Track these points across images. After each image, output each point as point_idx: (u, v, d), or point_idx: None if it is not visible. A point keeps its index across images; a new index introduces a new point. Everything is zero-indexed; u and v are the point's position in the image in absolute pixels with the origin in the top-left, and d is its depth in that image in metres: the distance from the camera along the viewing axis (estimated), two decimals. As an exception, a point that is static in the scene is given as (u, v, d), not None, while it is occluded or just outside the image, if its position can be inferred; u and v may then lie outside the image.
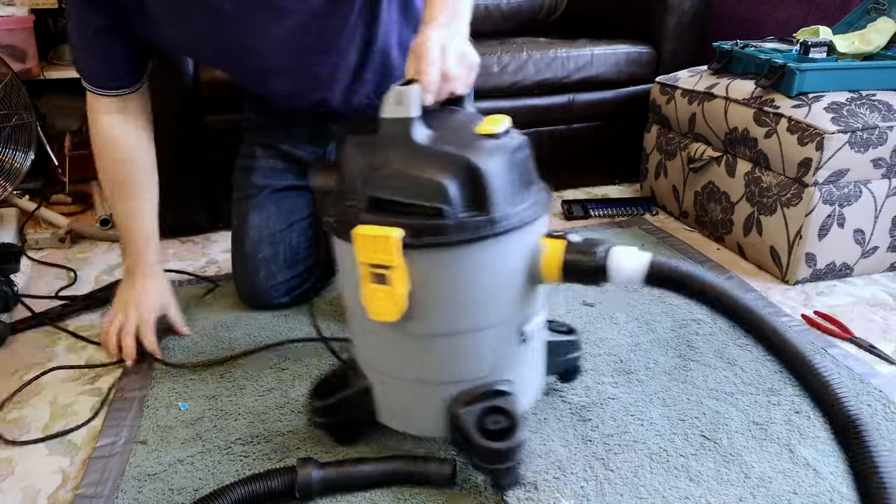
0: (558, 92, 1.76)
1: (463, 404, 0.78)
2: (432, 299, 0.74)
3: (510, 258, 0.75)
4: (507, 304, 0.77)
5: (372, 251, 0.70)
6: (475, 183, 0.70)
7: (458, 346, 0.77)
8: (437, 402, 0.80)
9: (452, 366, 0.78)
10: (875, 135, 1.24)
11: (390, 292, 0.71)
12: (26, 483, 0.84)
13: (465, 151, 0.71)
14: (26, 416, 0.97)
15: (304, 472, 0.77)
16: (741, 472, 0.84)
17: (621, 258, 0.73)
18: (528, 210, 0.74)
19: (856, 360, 1.07)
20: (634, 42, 1.81)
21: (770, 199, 1.35)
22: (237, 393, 1.00)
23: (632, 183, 1.95)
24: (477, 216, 0.70)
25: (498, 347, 0.79)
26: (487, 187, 0.70)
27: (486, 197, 0.70)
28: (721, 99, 1.46)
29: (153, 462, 0.86)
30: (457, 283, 0.73)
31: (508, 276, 0.75)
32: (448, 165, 0.70)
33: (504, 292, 0.76)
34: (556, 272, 0.76)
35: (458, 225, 0.70)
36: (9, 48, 1.68)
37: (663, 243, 1.52)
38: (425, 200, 0.70)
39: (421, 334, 0.77)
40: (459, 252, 0.71)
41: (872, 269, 1.37)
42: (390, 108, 0.72)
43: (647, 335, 1.14)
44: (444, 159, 0.71)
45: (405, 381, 0.81)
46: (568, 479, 0.83)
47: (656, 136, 1.72)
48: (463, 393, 0.79)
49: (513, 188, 0.73)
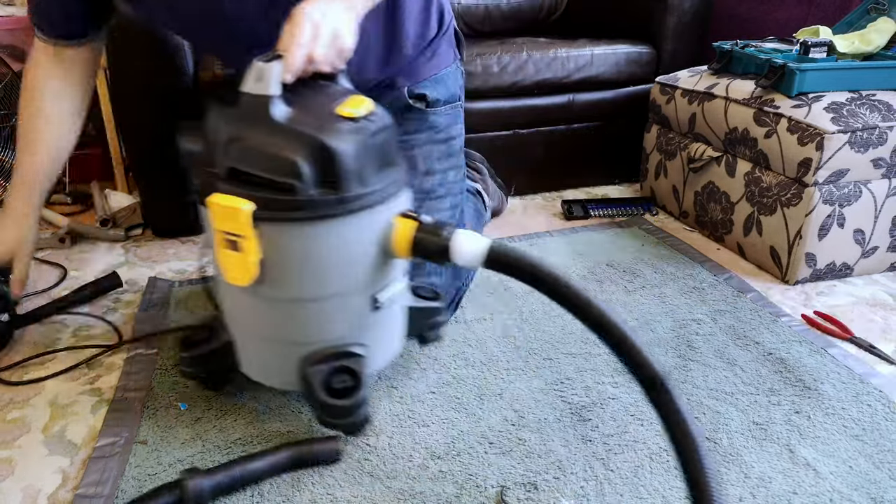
0: (558, 92, 1.76)
1: (312, 363, 0.83)
2: (283, 268, 0.78)
3: (360, 235, 0.79)
4: (357, 275, 0.81)
5: (224, 220, 0.74)
6: (327, 163, 0.73)
7: (309, 312, 0.82)
8: (291, 359, 0.84)
9: (303, 329, 0.83)
10: (875, 135, 1.24)
11: (242, 259, 0.75)
12: (26, 483, 0.84)
13: (321, 132, 0.74)
14: (26, 416, 0.97)
15: (193, 483, 0.77)
16: (741, 472, 0.84)
17: (463, 241, 0.77)
18: (382, 190, 0.78)
19: (856, 360, 1.07)
20: (634, 42, 1.81)
21: (770, 199, 1.35)
22: (237, 393, 1.00)
23: (632, 183, 1.95)
24: (328, 194, 0.74)
25: (348, 313, 0.83)
26: (339, 168, 0.74)
27: (338, 177, 0.74)
28: (721, 99, 1.46)
29: (153, 462, 0.86)
30: (307, 255, 0.77)
31: (359, 250, 0.79)
32: (302, 144, 0.73)
33: (354, 265, 0.80)
34: (406, 249, 0.80)
35: (308, 202, 0.74)
36: (9, 48, 1.68)
37: (663, 243, 1.52)
38: (278, 176, 0.73)
39: (273, 298, 0.81)
40: (310, 227, 0.75)
41: (872, 269, 1.37)
42: (251, 83, 0.75)
43: (647, 335, 1.14)
44: (299, 138, 0.74)
45: (261, 339, 0.86)
46: (568, 479, 0.83)
47: (656, 136, 1.72)
48: (314, 353, 0.83)
49: (367, 169, 0.77)
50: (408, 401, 0.98)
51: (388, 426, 0.93)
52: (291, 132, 0.74)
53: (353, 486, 0.82)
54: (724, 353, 1.09)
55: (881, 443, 0.89)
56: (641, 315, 1.21)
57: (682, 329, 1.16)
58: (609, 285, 1.32)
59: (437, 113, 1.11)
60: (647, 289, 1.31)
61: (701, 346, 1.11)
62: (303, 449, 0.85)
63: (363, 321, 0.85)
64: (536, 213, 1.74)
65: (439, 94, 1.12)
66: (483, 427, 0.92)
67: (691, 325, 1.17)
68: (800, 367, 1.05)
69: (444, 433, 0.91)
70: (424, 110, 1.10)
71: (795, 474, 0.84)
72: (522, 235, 1.57)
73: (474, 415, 0.95)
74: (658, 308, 1.23)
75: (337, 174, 0.74)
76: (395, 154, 0.83)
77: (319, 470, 0.84)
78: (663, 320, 1.19)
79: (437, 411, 0.96)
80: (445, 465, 0.86)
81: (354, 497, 0.80)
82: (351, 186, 0.75)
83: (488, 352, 1.10)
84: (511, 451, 0.88)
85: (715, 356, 1.08)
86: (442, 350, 1.10)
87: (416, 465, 0.86)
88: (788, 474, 0.84)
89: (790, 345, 1.11)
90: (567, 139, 1.83)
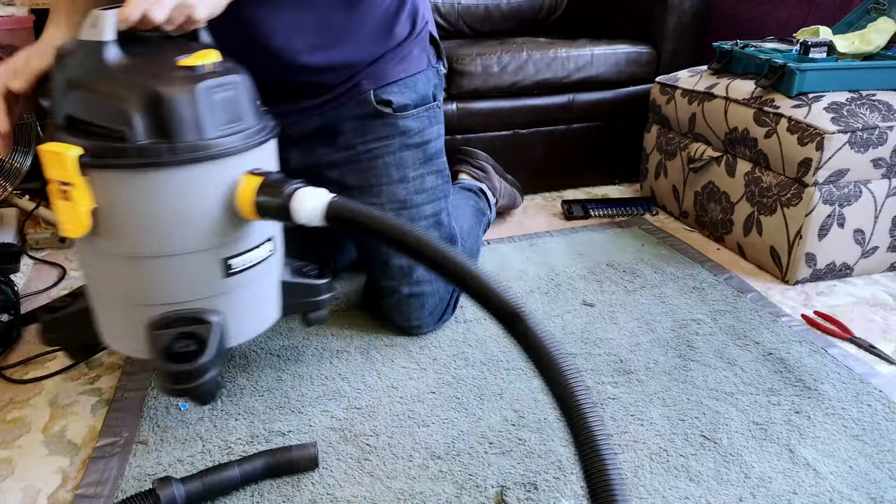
0: (558, 92, 1.76)
1: (157, 327, 0.81)
2: (116, 220, 0.76)
3: (198, 189, 0.77)
4: (200, 233, 0.79)
5: (53, 167, 0.73)
6: (159, 110, 0.72)
7: (150, 270, 0.79)
8: (137, 322, 0.82)
9: (145, 289, 0.80)
10: (875, 135, 1.24)
11: (73, 208, 0.74)
12: (26, 483, 0.84)
13: (154, 80, 0.73)
14: (26, 416, 0.97)
15: (165, 492, 0.77)
16: (741, 472, 0.84)
17: (303, 198, 0.75)
18: (224, 143, 0.76)
19: (856, 360, 1.07)
20: (634, 42, 1.81)
21: (770, 199, 1.35)
22: (237, 393, 1.00)
23: (632, 183, 1.95)
24: (160, 143, 0.73)
25: (194, 275, 0.81)
26: (171, 116, 0.73)
27: (170, 125, 0.73)
28: (721, 99, 1.46)
29: (153, 462, 0.86)
30: (140, 206, 0.75)
31: (199, 205, 0.77)
32: (132, 91, 0.73)
33: (195, 222, 0.78)
34: (250, 209, 0.78)
35: (136, 149, 0.72)
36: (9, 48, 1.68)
37: (663, 243, 1.52)
38: (109, 123, 0.72)
39: (110, 254, 0.79)
40: (141, 176, 0.74)
41: (872, 269, 1.37)
42: (86, 30, 0.75)
43: (647, 335, 1.14)
44: (130, 85, 0.73)
45: (108, 301, 0.84)
46: (568, 479, 0.83)
47: (656, 136, 1.72)
48: (161, 316, 0.81)
49: (206, 120, 0.75)
50: (408, 401, 0.98)
51: (388, 426, 0.93)
52: (123, 79, 0.73)
53: (353, 486, 0.82)
54: (724, 353, 1.09)
55: (881, 443, 0.89)
56: (641, 315, 1.21)
57: (682, 329, 1.16)
58: (609, 285, 1.32)
59: (407, 117, 1.09)
60: (647, 289, 1.31)
61: (701, 346, 1.11)
62: (279, 457, 0.84)
63: (213, 286, 0.82)
64: (536, 213, 1.74)
65: (408, 99, 1.09)
66: (483, 427, 0.92)
67: (691, 325, 1.17)
68: (800, 367, 1.05)
69: (444, 433, 0.91)
70: (394, 114, 1.08)
71: (795, 474, 0.84)
72: (522, 235, 1.58)
73: (474, 415, 0.95)
74: (658, 308, 1.23)
75: (168, 123, 0.73)
76: (248, 109, 0.81)
77: (319, 470, 0.84)
78: (663, 320, 1.19)
79: (437, 411, 0.96)
80: (445, 465, 0.86)
81: (354, 497, 0.80)
82: (184, 136, 0.74)
83: (488, 352, 1.10)
84: (511, 451, 0.88)
85: (715, 356, 1.08)
86: (442, 350, 1.10)
87: (416, 465, 0.86)
88: (788, 474, 0.84)
89: (790, 345, 1.11)
90: (567, 139, 1.83)
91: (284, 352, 1.10)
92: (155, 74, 0.74)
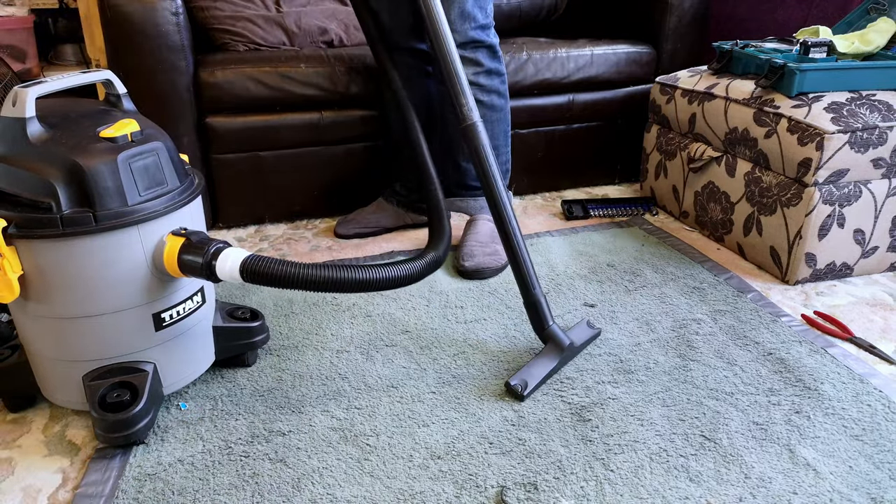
0: (558, 92, 1.76)
1: (92, 379, 0.86)
2: (47, 286, 0.81)
3: (124, 252, 0.81)
4: (129, 292, 0.83)
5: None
6: (82, 183, 0.77)
7: (81, 329, 0.84)
8: (74, 376, 0.87)
9: (79, 347, 0.85)
10: (875, 135, 1.24)
11: (1, 276, 0.78)
12: (26, 483, 0.84)
13: (76, 153, 0.78)
14: (26, 416, 0.97)
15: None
16: (741, 472, 0.84)
17: (224, 258, 0.81)
18: (145, 209, 0.81)
19: (856, 360, 1.07)
20: (634, 42, 1.81)
21: (770, 199, 1.35)
22: (237, 393, 1.00)
23: (632, 183, 1.95)
24: (84, 213, 0.77)
25: (126, 332, 0.86)
26: (92, 186, 0.77)
27: (94, 196, 0.78)
28: (721, 99, 1.46)
29: (153, 462, 0.86)
30: (68, 272, 0.80)
31: (125, 267, 0.82)
32: (54, 164, 0.77)
33: (124, 282, 0.83)
34: (175, 268, 0.83)
35: (58, 219, 0.77)
36: (9, 48, 1.68)
37: (663, 243, 1.52)
38: (34, 195, 0.77)
39: (43, 316, 0.83)
40: (67, 244, 0.78)
41: (872, 269, 1.37)
42: (7, 108, 0.79)
43: (647, 335, 1.14)
44: (54, 159, 0.78)
45: (43, 358, 0.88)
46: (568, 479, 0.83)
47: (656, 136, 1.72)
48: (96, 369, 0.86)
49: (129, 189, 0.80)
50: (408, 401, 0.98)
51: (388, 426, 0.93)
52: (46, 153, 0.78)
53: (353, 486, 0.82)
54: (724, 353, 1.09)
55: (881, 443, 0.89)
56: (641, 315, 1.21)
57: (682, 329, 1.16)
58: (609, 285, 1.32)
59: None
60: (647, 289, 1.31)
61: (701, 346, 1.11)
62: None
63: (146, 339, 0.87)
64: (536, 213, 1.74)
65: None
66: (483, 427, 0.92)
67: (691, 325, 1.17)
68: (800, 367, 1.05)
69: (444, 433, 0.91)
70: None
71: (795, 474, 0.84)
72: (523, 235, 1.57)
73: (474, 415, 0.95)
74: (658, 308, 1.23)
75: (91, 192, 0.77)
76: (170, 172, 0.86)
77: (319, 470, 0.84)
78: (663, 320, 1.19)
79: (437, 411, 0.96)
80: (445, 465, 0.86)
81: (354, 497, 0.80)
82: (107, 204, 0.78)
83: (488, 352, 1.10)
84: (511, 451, 0.88)
85: (715, 356, 1.08)
86: (442, 350, 1.10)
87: (416, 464, 0.86)
88: (788, 474, 0.84)
89: (790, 345, 1.11)
90: (567, 139, 1.83)
91: (284, 352, 1.10)
92: (76, 147, 0.79)
